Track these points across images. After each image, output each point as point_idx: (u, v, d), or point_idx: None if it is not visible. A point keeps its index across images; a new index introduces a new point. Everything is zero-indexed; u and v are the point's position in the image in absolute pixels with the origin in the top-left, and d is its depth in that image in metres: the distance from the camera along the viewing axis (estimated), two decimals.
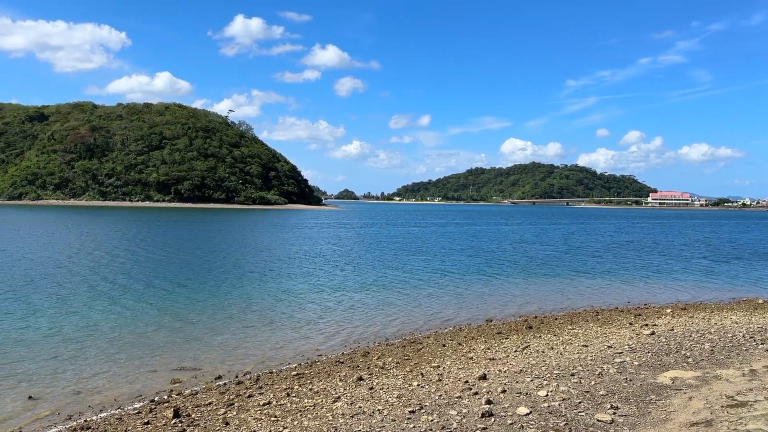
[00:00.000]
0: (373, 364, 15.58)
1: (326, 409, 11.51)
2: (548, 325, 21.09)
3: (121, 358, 16.56)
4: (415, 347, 17.73)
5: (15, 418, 12.11)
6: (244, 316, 22.69)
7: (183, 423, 11.18)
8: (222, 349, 17.85)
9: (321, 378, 14.26)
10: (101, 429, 11.21)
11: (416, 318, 23.11)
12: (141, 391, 13.89)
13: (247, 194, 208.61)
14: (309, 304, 25.52)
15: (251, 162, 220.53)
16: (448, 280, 34.01)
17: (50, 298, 24.77)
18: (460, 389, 12.28)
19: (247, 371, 15.45)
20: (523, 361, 14.99)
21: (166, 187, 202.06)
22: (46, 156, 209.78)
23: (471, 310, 25.14)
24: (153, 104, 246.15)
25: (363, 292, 28.74)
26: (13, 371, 14.99)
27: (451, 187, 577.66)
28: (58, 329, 19.49)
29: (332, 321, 22.15)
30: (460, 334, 19.92)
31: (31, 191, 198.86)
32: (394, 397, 11.96)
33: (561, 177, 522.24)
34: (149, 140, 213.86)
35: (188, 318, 22.00)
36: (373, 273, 36.27)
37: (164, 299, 25.62)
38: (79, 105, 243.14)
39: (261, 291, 28.38)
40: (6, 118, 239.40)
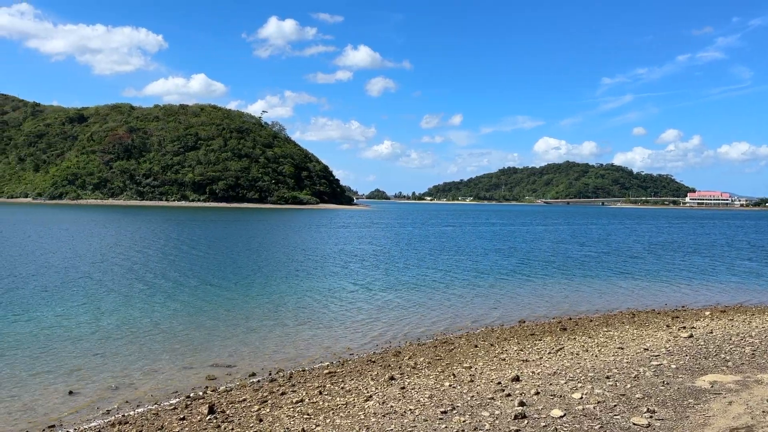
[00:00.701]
0: (404, 363, 15.58)
1: (358, 407, 11.55)
2: (583, 327, 20.78)
3: (158, 354, 16.91)
4: (446, 348, 17.66)
5: (56, 411, 12.46)
6: (277, 314, 22.93)
7: (218, 419, 11.35)
8: (256, 346, 18.07)
9: (353, 377, 14.32)
10: (138, 424, 11.45)
11: (448, 318, 23.02)
12: (177, 387, 14.16)
13: (279, 194, 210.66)
14: (341, 302, 25.64)
15: (284, 162, 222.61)
16: (481, 280, 33.78)
17: (90, 296, 25.41)
18: (492, 390, 12.19)
19: (280, 369, 15.60)
20: (557, 363, 14.80)
21: (201, 187, 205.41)
22: (85, 157, 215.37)
23: (503, 310, 24.92)
24: (189, 106, 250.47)
25: (395, 292, 28.75)
26: (54, 366, 15.43)
27: (482, 186, 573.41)
28: (97, 326, 20.00)
29: (364, 320, 22.22)
30: (493, 335, 19.78)
31: (71, 191, 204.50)
32: (426, 397, 11.94)
33: (596, 176, 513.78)
34: (185, 141, 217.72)
35: (223, 316, 22.34)
36: (406, 272, 36.27)
37: (201, 297, 26.06)
38: (118, 107, 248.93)
39: (294, 289, 28.62)
40: (47, 119, 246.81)
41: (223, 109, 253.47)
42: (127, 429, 11.10)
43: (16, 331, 18.84)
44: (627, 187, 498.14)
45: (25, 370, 14.95)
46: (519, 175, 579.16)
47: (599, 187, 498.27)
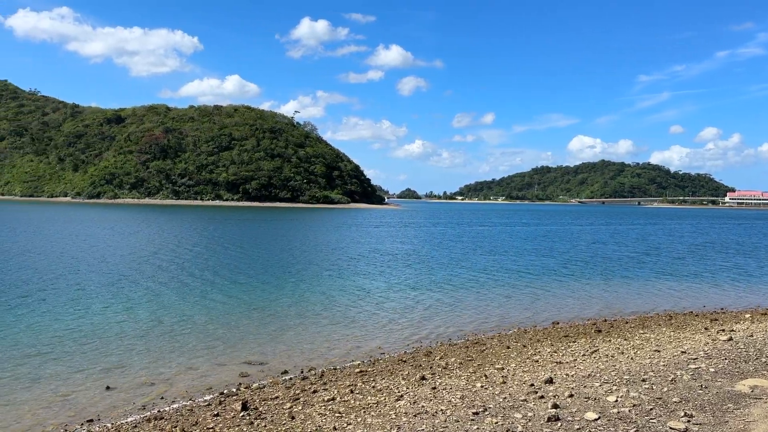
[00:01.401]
0: (435, 363, 15.53)
1: (389, 407, 11.55)
2: (618, 329, 20.41)
3: (193, 351, 17.19)
4: (478, 348, 17.54)
5: (93, 406, 12.75)
6: (309, 312, 23.08)
7: (251, 416, 11.48)
8: (288, 344, 18.23)
9: (384, 376, 14.33)
10: (173, 419, 11.64)
11: (479, 318, 22.86)
12: (211, 383, 14.37)
13: (311, 193, 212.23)
14: (373, 301, 25.69)
15: (316, 162, 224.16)
16: (515, 280, 33.47)
17: (128, 294, 25.97)
18: (525, 392, 12.06)
19: (312, 367, 15.71)
20: (592, 365, 14.57)
21: (235, 187, 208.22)
22: (122, 157, 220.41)
23: (537, 311, 24.64)
24: (223, 106, 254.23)
25: (427, 291, 28.68)
26: (93, 361, 15.82)
27: (515, 186, 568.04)
28: (134, 323, 20.43)
29: (395, 319, 22.22)
30: (525, 336, 19.57)
31: (108, 190, 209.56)
32: (458, 398, 11.87)
33: (632, 175, 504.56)
34: (219, 141, 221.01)
35: (256, 313, 22.60)
36: (439, 272, 36.16)
37: (235, 295, 26.40)
38: (154, 107, 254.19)
39: (327, 288, 28.79)
40: (86, 120, 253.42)
41: (256, 109, 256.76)
42: (162, 425, 11.30)
43: (58, 327, 19.36)
44: (664, 187, 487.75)
45: (65, 365, 15.36)
46: (552, 174, 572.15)
47: (635, 187, 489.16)
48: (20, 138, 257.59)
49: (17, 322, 19.82)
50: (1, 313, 20.98)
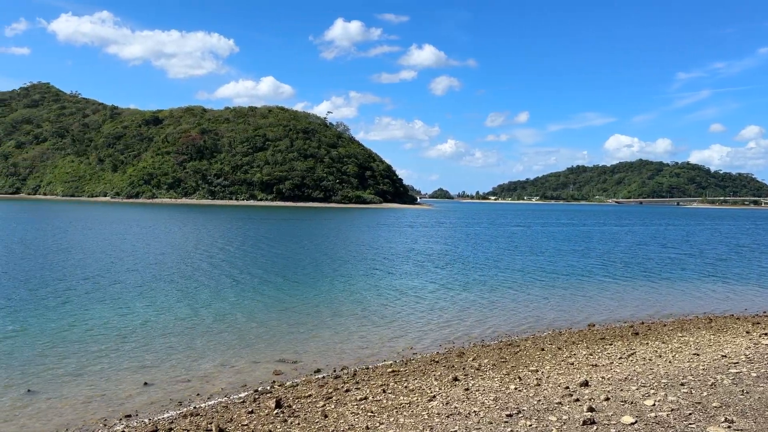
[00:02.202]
0: (468, 365, 15.44)
1: (422, 407, 11.53)
2: (656, 332, 19.98)
3: (228, 348, 17.44)
4: (511, 350, 17.38)
5: (132, 402, 13.05)
6: (342, 311, 23.21)
7: (284, 413, 11.59)
8: (321, 343, 18.35)
9: (416, 376, 14.31)
10: (209, 416, 11.83)
11: (513, 320, 22.65)
12: (245, 381, 14.56)
13: (343, 193, 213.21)
14: (406, 301, 25.67)
15: (348, 162, 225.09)
16: (551, 281, 33.06)
17: (165, 293, 26.49)
18: (560, 395, 11.89)
19: (344, 366, 15.78)
20: (629, 368, 14.29)
21: (269, 187, 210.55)
22: (160, 157, 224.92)
23: (572, 313, 24.29)
24: (257, 108, 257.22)
25: (461, 292, 28.54)
26: (132, 358, 16.19)
27: (550, 186, 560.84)
28: (171, 320, 20.83)
29: (428, 320, 22.17)
30: (560, 338, 19.31)
31: (147, 190, 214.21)
32: (491, 400, 11.78)
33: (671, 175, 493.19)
34: (253, 142, 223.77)
35: (290, 312, 22.81)
36: (474, 272, 35.94)
37: (269, 293, 26.72)
38: (190, 109, 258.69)
39: (360, 287, 28.89)
40: (125, 122, 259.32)
41: (290, 110, 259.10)
42: (198, 421, 11.49)
43: (99, 323, 19.87)
44: (704, 187, 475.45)
45: (105, 361, 15.75)
46: (588, 174, 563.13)
47: (674, 187, 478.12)
48: (62, 139, 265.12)
49: (60, 318, 20.40)
50: (46, 310, 21.62)
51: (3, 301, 22.86)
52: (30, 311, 21.33)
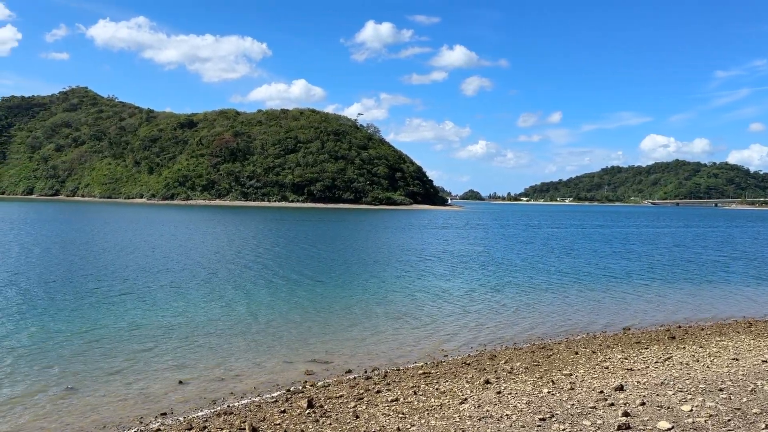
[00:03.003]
0: (500, 367, 15.31)
1: (453, 409, 11.47)
2: (693, 336, 19.51)
3: (261, 348, 17.64)
4: (544, 353, 17.18)
5: (167, 399, 13.28)
6: (374, 312, 23.27)
7: (316, 413, 11.66)
8: (352, 344, 18.42)
9: (447, 378, 14.24)
10: (242, 415, 11.97)
11: (546, 323, 22.38)
12: (278, 380, 14.70)
13: (374, 195, 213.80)
14: (438, 303, 25.59)
15: (378, 163, 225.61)
16: (586, 283, 32.60)
17: (199, 291, 26.93)
18: (594, 399, 11.71)
19: (375, 367, 15.81)
20: (665, 372, 13.99)
21: (300, 188, 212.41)
22: (195, 160, 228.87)
23: (607, 316, 23.89)
24: (289, 110, 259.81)
25: (494, 294, 28.33)
26: (166, 357, 16.48)
27: (583, 186, 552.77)
28: (206, 319, 21.15)
29: (460, 322, 22.06)
30: (594, 341, 19.01)
31: (181, 192, 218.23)
32: (523, 403, 11.66)
33: (708, 176, 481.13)
34: (285, 144, 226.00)
35: (322, 312, 22.96)
36: (507, 274, 35.66)
37: (302, 294, 26.94)
38: (224, 112, 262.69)
39: (393, 288, 28.91)
40: (160, 125, 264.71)
41: (321, 112, 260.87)
42: (232, 419, 11.63)
43: (135, 323, 20.29)
44: (743, 188, 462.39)
45: (141, 360, 16.08)
46: (623, 175, 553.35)
47: (712, 188, 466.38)
48: (99, 142, 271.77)
49: (99, 317, 20.90)
50: (85, 309, 22.19)
51: (45, 300, 23.54)
52: (70, 310, 21.91)
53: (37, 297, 24.22)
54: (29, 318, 20.41)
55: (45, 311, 21.56)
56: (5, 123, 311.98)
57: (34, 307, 22.14)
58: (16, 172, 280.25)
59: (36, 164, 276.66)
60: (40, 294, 24.89)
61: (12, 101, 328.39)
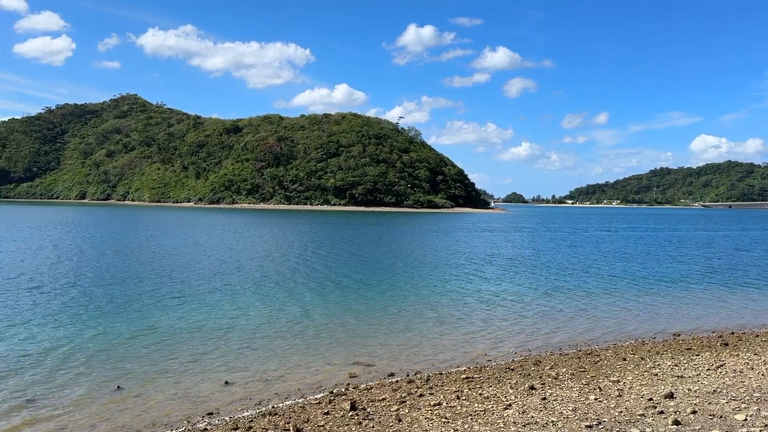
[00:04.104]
0: (545, 373, 15.07)
1: (497, 415, 11.35)
2: (748, 343, 18.80)
3: (305, 350, 17.82)
4: (591, 359, 16.83)
5: (213, 399, 13.55)
6: (417, 315, 23.22)
7: (359, 416, 11.71)
8: (394, 346, 18.42)
9: (491, 383, 14.10)
10: (287, 416, 12.11)
11: (594, 328, 21.91)
12: (321, 382, 14.82)
13: (415, 198, 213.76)
14: (483, 307, 25.36)
15: (419, 166, 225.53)
16: (636, 287, 31.79)
17: (245, 293, 27.38)
18: (643, 407, 11.41)
19: (418, 371, 15.77)
20: (717, 380, 13.52)
21: (342, 192, 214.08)
22: (240, 164, 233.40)
23: (657, 322, 23.24)
24: (331, 114, 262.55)
25: (541, 298, 27.92)
26: (214, 357, 16.82)
27: (631, 189, 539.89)
28: (250, 321, 21.49)
29: (504, 326, 21.81)
30: (643, 348, 18.52)
31: (227, 196, 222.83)
32: (569, 410, 11.45)
33: (762, 177, 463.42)
34: (327, 148, 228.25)
35: (366, 314, 23.07)
36: (555, 278, 35.11)
37: (346, 296, 27.14)
38: (268, 117, 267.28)
39: (436, 291, 28.80)
40: (207, 130, 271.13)
41: (362, 116, 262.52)
42: (276, 420, 11.78)
43: (183, 324, 20.80)
44: None
45: (188, 360, 16.46)
46: (673, 176, 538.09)
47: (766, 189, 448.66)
48: (148, 148, 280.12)
49: (148, 319, 21.50)
50: (135, 311, 22.87)
51: (102, 302, 24.34)
52: (124, 311, 22.61)
53: (96, 298, 25.07)
54: (86, 319, 21.15)
55: (101, 312, 22.29)
56: (59, 130, 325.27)
57: (91, 309, 22.93)
58: (70, 177, 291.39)
59: (88, 169, 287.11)
60: (99, 294, 25.76)
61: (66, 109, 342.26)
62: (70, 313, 22.02)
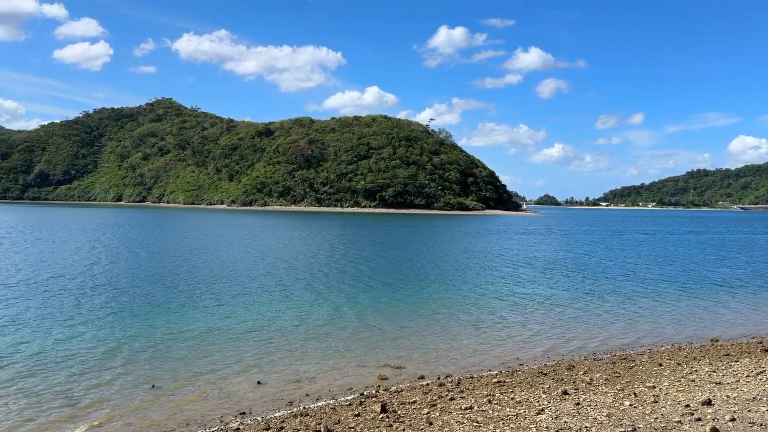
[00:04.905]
0: (579, 378, 14.85)
1: (529, 420, 11.22)
2: None
3: (336, 351, 17.91)
4: (626, 364, 16.52)
5: (246, 399, 13.71)
6: (450, 318, 23.14)
7: (390, 418, 11.70)
8: (425, 349, 18.37)
9: (523, 388, 13.96)
10: (317, 417, 12.18)
11: (629, 333, 21.53)
12: (351, 384, 14.87)
13: (445, 200, 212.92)
14: (515, 310, 25.15)
15: (450, 168, 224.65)
16: (674, 292, 31.20)
17: (278, 296, 27.65)
18: (679, 413, 11.16)
19: (448, 374, 15.70)
20: (757, 387, 13.14)
21: (372, 194, 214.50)
22: (271, 167, 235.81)
23: (695, 327, 22.72)
24: (362, 117, 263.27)
25: (574, 302, 27.56)
26: (245, 358, 17.03)
27: (667, 191, 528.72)
28: (283, 322, 21.70)
29: (536, 330, 21.57)
30: (680, 353, 18.11)
31: (259, 198, 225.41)
32: (603, 416, 11.25)
33: None
34: (358, 150, 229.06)
35: (396, 317, 23.06)
36: (590, 282, 34.69)
37: (377, 298, 27.22)
38: (299, 120, 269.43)
39: (469, 294, 28.67)
40: (240, 134, 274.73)
41: (392, 118, 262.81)
42: (307, 421, 11.86)
43: (216, 325, 21.11)
44: None
45: (223, 360, 16.70)
46: (710, 178, 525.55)
47: None
48: (183, 151, 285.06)
49: (183, 320, 21.89)
50: (170, 313, 23.31)
51: (141, 303, 24.86)
52: (158, 313, 23.08)
53: (135, 298, 25.66)
54: (126, 318, 21.68)
55: (140, 312, 22.81)
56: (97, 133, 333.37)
57: (131, 309, 23.48)
58: (107, 179, 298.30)
59: (125, 172, 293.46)
60: (138, 295, 26.36)
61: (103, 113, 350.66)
62: (111, 313, 22.55)
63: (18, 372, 15.06)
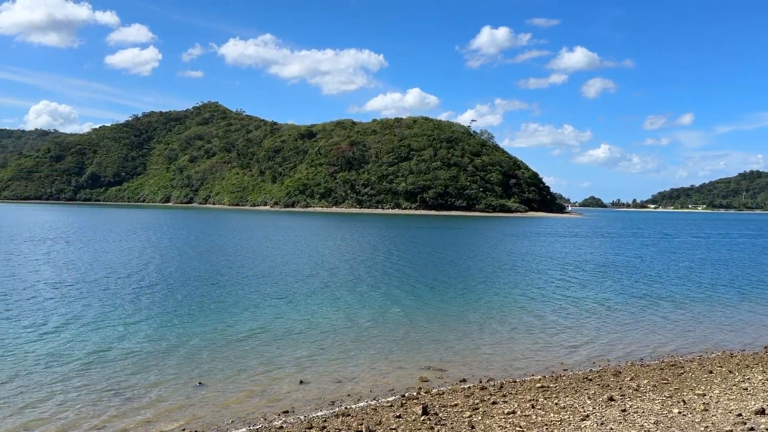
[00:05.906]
0: (625, 384, 14.52)
1: (573, 426, 11.05)
2: None
3: (377, 352, 17.99)
4: (674, 371, 16.07)
5: (288, 398, 13.90)
6: (493, 321, 22.96)
7: (431, 420, 11.69)
8: (466, 352, 18.27)
9: (567, 393, 13.73)
10: (359, 417, 12.25)
11: (678, 339, 20.94)
12: (393, 385, 14.90)
13: (487, 202, 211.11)
14: (561, 314, 24.76)
15: (491, 170, 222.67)
16: (725, 297, 30.25)
17: (320, 296, 27.90)
18: (731, 422, 10.80)
19: (491, 378, 15.57)
20: None
21: (413, 196, 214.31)
22: (313, 169, 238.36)
23: (747, 333, 21.94)
24: (403, 119, 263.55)
25: (622, 306, 26.96)
26: (289, 358, 17.25)
27: (718, 193, 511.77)
28: (327, 323, 21.90)
29: (582, 334, 21.20)
30: (731, 360, 17.52)
31: (301, 200, 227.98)
32: (651, 423, 10.99)
33: None
34: (399, 152, 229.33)
35: (439, 319, 23.02)
36: (640, 285, 33.92)
37: (420, 299, 27.23)
38: (341, 123, 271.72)
39: (516, 297, 28.40)
40: (283, 136, 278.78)
41: (434, 120, 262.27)
42: (349, 421, 11.94)
43: (261, 325, 21.46)
44: None
45: (267, 359, 16.97)
46: (764, 180, 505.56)
47: None
48: (228, 153, 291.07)
49: (229, 319, 22.33)
50: (216, 311, 23.82)
51: (190, 303, 25.49)
52: (206, 312, 23.61)
53: (185, 298, 26.32)
54: (175, 317, 22.26)
55: (189, 311, 23.39)
56: (146, 137, 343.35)
57: (181, 308, 24.09)
58: (155, 181, 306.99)
59: (172, 174, 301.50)
60: (187, 294, 27.02)
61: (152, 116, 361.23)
62: (162, 311, 23.19)
63: (76, 368, 15.62)
